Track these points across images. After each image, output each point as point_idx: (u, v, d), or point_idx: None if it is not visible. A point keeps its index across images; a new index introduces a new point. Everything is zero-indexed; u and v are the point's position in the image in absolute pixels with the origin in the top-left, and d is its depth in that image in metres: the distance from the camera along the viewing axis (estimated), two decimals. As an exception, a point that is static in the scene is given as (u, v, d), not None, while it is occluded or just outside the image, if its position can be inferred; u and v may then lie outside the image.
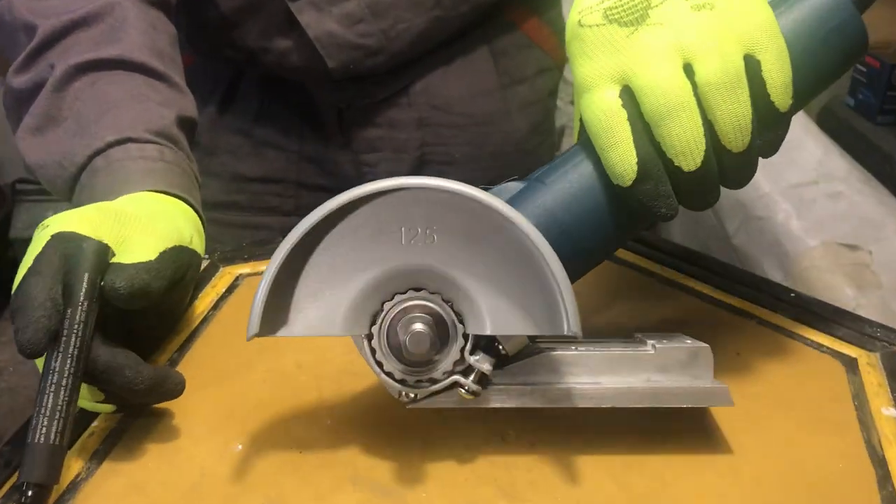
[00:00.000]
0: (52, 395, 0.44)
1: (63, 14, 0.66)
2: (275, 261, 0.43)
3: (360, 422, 0.52)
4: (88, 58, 0.64)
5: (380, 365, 0.47)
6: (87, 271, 0.47)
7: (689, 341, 0.50)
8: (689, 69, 0.44)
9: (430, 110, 0.88)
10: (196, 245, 0.58)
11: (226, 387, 0.55)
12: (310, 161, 0.91)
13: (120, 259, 0.50)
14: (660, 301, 0.66)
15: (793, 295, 0.65)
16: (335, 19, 0.79)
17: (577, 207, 0.47)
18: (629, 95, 0.45)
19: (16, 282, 0.47)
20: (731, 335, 0.61)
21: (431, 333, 0.45)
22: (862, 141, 1.42)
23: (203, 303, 0.64)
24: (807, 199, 1.18)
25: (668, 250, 0.72)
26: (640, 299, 0.66)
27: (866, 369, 0.57)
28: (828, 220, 1.15)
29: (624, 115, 0.44)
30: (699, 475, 0.48)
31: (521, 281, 0.45)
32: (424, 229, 0.45)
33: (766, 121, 0.45)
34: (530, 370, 0.48)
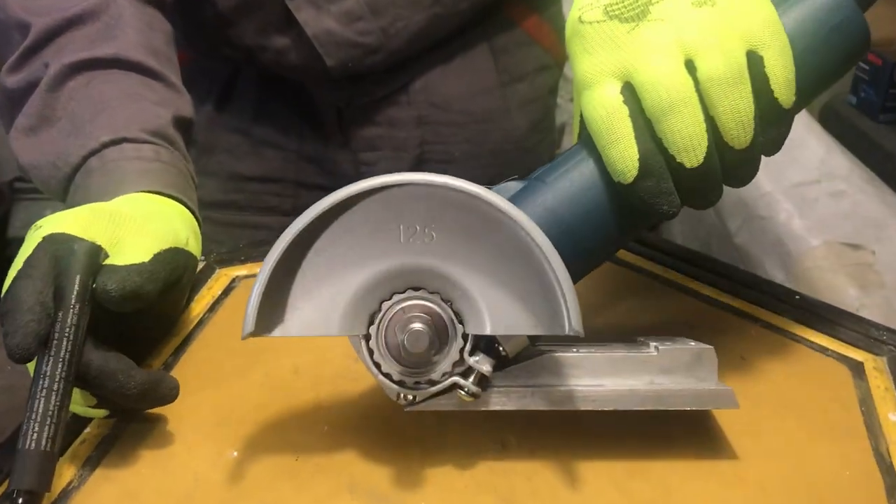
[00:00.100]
0: (43, 400, 0.44)
1: (57, 12, 0.65)
2: (270, 258, 0.43)
3: (358, 427, 0.51)
4: (83, 57, 0.64)
5: (377, 366, 0.46)
6: (78, 273, 0.47)
7: (693, 343, 0.49)
8: (690, 65, 0.44)
9: (429, 108, 0.88)
10: (192, 247, 0.57)
11: (221, 391, 0.54)
12: (308, 160, 0.90)
13: (113, 261, 0.49)
14: (662, 303, 0.65)
15: (798, 297, 0.65)
16: (333, 17, 0.79)
17: (579, 206, 0.46)
18: (630, 92, 0.44)
19: (5, 285, 0.46)
20: (735, 338, 0.60)
21: (430, 332, 0.45)
22: (864, 139, 1.41)
23: (199, 305, 0.63)
24: (809, 198, 1.17)
25: (669, 251, 0.72)
26: (641, 302, 0.65)
27: (873, 374, 0.57)
28: (830, 219, 1.14)
29: (625, 111, 0.44)
30: (703, 481, 0.47)
31: (522, 280, 0.44)
32: (423, 227, 0.44)
33: (770, 117, 0.45)
34: (531, 372, 0.48)
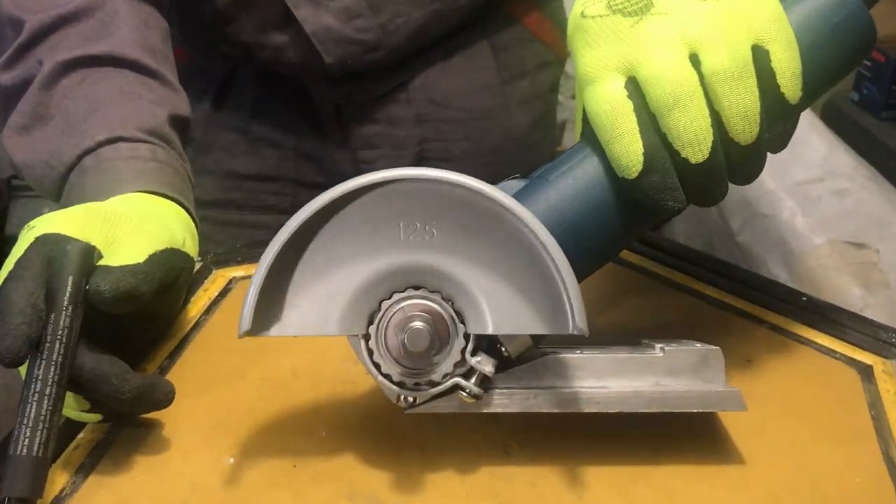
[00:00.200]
0: (35, 405, 0.43)
1: (51, 9, 0.64)
2: (267, 256, 0.42)
3: (357, 433, 0.50)
4: (77, 54, 0.63)
5: (377, 367, 0.45)
6: (71, 274, 0.46)
7: (699, 345, 0.49)
8: (695, 59, 0.43)
9: (429, 106, 0.87)
10: (189, 248, 0.56)
11: (218, 395, 0.53)
12: (307, 158, 0.90)
13: (107, 261, 0.48)
14: (666, 304, 0.64)
15: (804, 298, 0.64)
16: (332, 14, 0.78)
17: (582, 203, 0.46)
18: (634, 86, 0.44)
19: None
20: (741, 340, 0.59)
21: (431, 330, 0.44)
22: (867, 137, 1.41)
23: (195, 307, 0.63)
24: (812, 196, 1.17)
25: (672, 251, 0.71)
26: (645, 303, 0.65)
27: (882, 377, 0.56)
28: (833, 217, 1.14)
29: (629, 105, 0.43)
30: (708, 487, 0.47)
31: (525, 278, 0.43)
32: (424, 224, 0.43)
33: (775, 113, 0.45)
34: (534, 374, 0.47)
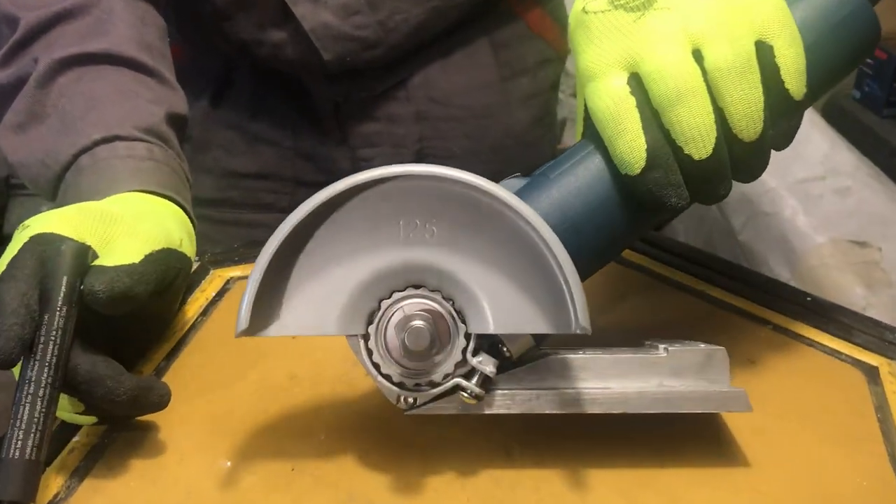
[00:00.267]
0: (28, 407, 0.42)
1: (47, 6, 0.64)
2: (265, 254, 0.42)
3: (357, 437, 0.49)
4: (73, 52, 0.62)
5: (376, 367, 0.44)
6: (65, 274, 0.45)
7: (703, 345, 0.48)
8: (697, 55, 0.43)
9: (428, 104, 0.87)
10: (186, 248, 0.56)
11: (215, 398, 0.53)
12: (305, 157, 0.89)
13: (102, 261, 0.47)
14: (668, 305, 0.64)
15: (808, 299, 0.63)
16: (331, 11, 0.78)
17: (585, 201, 0.45)
18: (637, 82, 0.44)
19: None
20: (744, 342, 0.58)
21: (432, 329, 0.43)
22: (868, 134, 1.41)
23: (192, 308, 0.62)
24: (814, 194, 1.16)
25: (675, 250, 0.70)
26: (647, 303, 0.64)
27: (888, 378, 0.55)
28: (835, 216, 1.13)
29: (632, 101, 0.43)
30: (713, 491, 0.46)
31: (527, 276, 0.43)
32: (424, 222, 0.43)
33: (780, 109, 0.44)
34: (536, 375, 0.46)
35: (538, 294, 0.43)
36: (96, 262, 0.47)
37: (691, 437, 0.49)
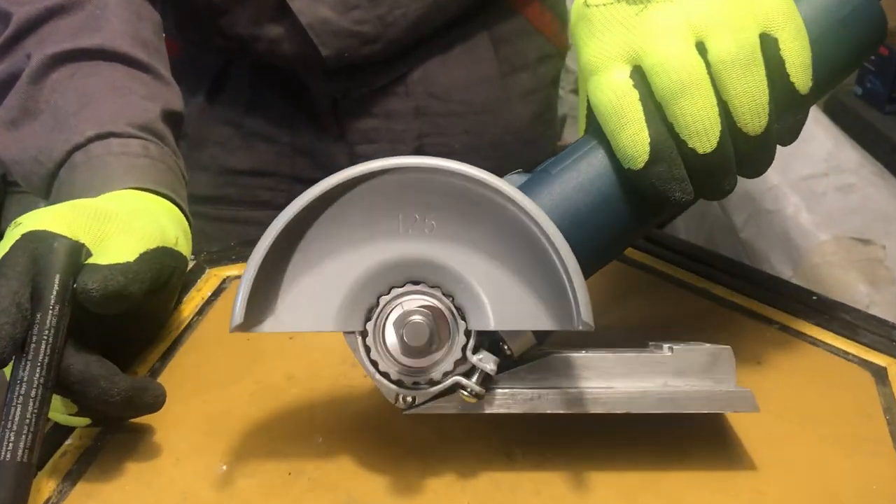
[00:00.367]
0: (20, 408, 0.41)
1: (39, 1, 0.63)
2: (260, 247, 0.41)
3: (355, 440, 0.48)
4: (67, 47, 0.61)
5: (374, 364, 0.44)
6: (58, 272, 0.44)
7: (709, 345, 0.47)
8: (701, 47, 0.43)
9: (427, 99, 0.86)
10: (181, 247, 0.55)
11: (210, 400, 0.52)
12: (303, 153, 0.88)
13: (96, 260, 0.47)
14: (672, 304, 0.63)
15: (814, 298, 0.62)
16: (329, 5, 0.77)
17: (587, 197, 0.45)
18: (640, 75, 0.43)
19: None
20: (750, 341, 0.58)
21: (431, 325, 0.42)
22: (870, 131, 1.40)
23: (188, 308, 0.61)
24: (817, 191, 1.15)
25: (677, 248, 0.69)
26: (650, 302, 0.63)
27: (897, 379, 0.54)
28: (839, 213, 1.13)
29: (635, 94, 0.43)
30: (719, 495, 0.45)
31: (528, 272, 0.42)
32: (423, 216, 0.42)
33: (785, 103, 0.44)
34: (538, 374, 0.45)
35: (540, 290, 0.42)
36: (90, 261, 0.47)
37: (695, 438, 0.48)
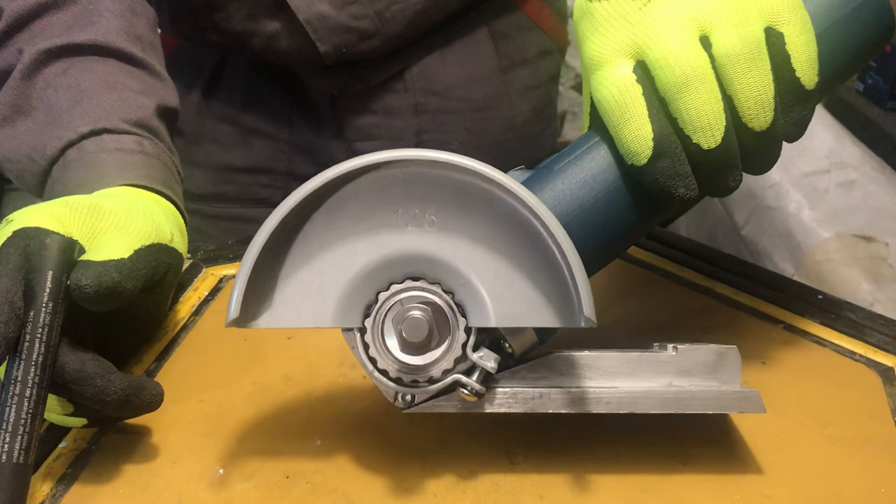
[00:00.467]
0: (15, 408, 0.41)
1: None
2: (257, 240, 0.40)
3: (354, 442, 0.48)
4: (60, 43, 0.61)
5: (373, 362, 0.43)
6: (50, 269, 0.43)
7: (714, 345, 0.46)
8: (705, 42, 0.42)
9: (427, 96, 0.86)
10: (177, 244, 0.54)
11: (207, 402, 0.51)
12: (300, 150, 0.88)
13: (90, 256, 0.46)
14: (676, 303, 0.62)
15: (820, 297, 0.62)
16: (326, 1, 0.76)
17: (590, 193, 0.44)
18: (643, 70, 0.43)
19: None
20: (755, 341, 0.57)
21: (430, 319, 0.42)
22: (872, 127, 1.39)
23: (184, 307, 0.60)
24: (819, 188, 1.15)
25: (682, 247, 0.69)
26: (653, 302, 0.62)
27: (904, 380, 0.53)
28: (841, 210, 1.12)
29: (639, 89, 0.42)
30: (725, 499, 0.44)
31: (530, 268, 0.42)
32: (423, 211, 0.41)
33: (791, 99, 0.43)
34: (540, 373, 0.45)
35: (542, 286, 0.42)
36: (83, 257, 0.46)
37: (700, 440, 0.48)
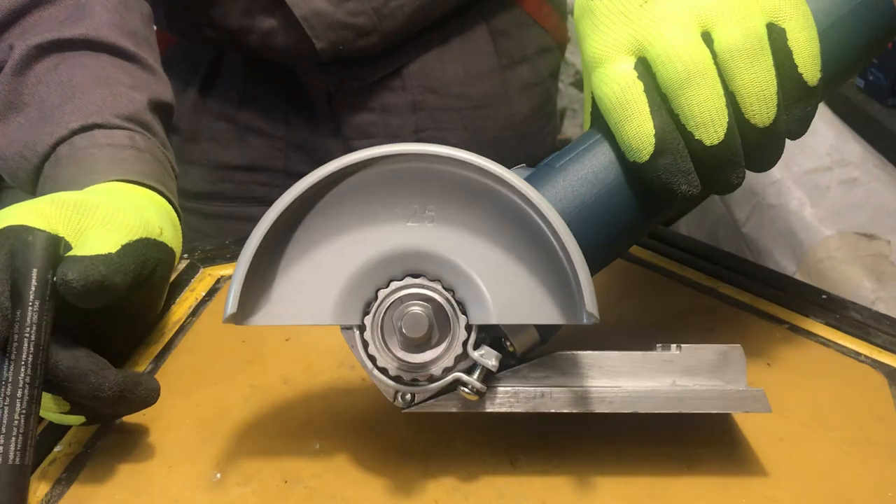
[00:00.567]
0: (7, 410, 0.40)
1: None
2: (255, 236, 0.40)
3: (353, 445, 0.47)
4: (51, 38, 0.60)
5: (372, 360, 0.42)
6: (35, 267, 0.43)
7: (718, 344, 0.46)
8: (707, 38, 0.42)
9: (425, 93, 0.85)
10: (168, 239, 0.53)
11: (205, 404, 0.50)
12: (297, 148, 0.87)
13: (76, 252, 0.45)
14: (679, 303, 0.62)
15: (824, 297, 0.61)
16: (324, -3, 0.75)
17: (592, 191, 0.44)
18: (645, 66, 0.43)
19: None
20: (759, 342, 0.56)
21: (430, 315, 0.41)
22: (873, 124, 1.38)
23: (181, 308, 0.60)
24: (821, 185, 1.14)
25: (684, 246, 0.68)
26: (655, 302, 0.62)
27: (911, 381, 0.53)
28: (843, 207, 1.11)
29: (640, 86, 0.42)
30: (730, 501, 0.44)
31: (532, 265, 0.41)
32: (423, 207, 0.41)
33: (794, 95, 0.43)
34: (541, 372, 0.44)
35: (544, 283, 0.41)
36: (70, 254, 0.45)
37: (705, 442, 0.47)
